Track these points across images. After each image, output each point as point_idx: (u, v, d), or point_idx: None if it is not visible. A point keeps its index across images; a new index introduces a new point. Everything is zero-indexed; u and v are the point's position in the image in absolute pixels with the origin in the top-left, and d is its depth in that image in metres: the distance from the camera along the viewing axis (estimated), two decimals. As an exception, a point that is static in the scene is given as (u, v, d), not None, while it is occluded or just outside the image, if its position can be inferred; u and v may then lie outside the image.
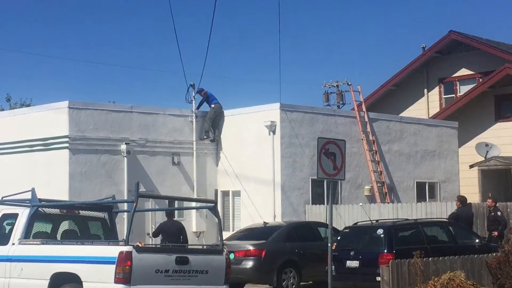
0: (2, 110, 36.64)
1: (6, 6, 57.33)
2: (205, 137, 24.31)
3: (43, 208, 14.01)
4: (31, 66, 57.12)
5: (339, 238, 17.45)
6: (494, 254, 15.36)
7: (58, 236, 14.19)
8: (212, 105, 24.55)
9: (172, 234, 18.72)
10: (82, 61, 58.02)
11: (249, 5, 60.82)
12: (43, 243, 13.26)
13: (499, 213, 19.70)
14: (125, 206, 17.52)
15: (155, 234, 19.65)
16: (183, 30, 53.93)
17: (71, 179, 21.55)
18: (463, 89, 31.54)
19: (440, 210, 20.55)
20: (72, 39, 58.69)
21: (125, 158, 22.37)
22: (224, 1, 56.68)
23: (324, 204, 22.93)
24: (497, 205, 20.04)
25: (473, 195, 27.30)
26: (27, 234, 13.54)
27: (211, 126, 24.47)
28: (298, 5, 58.44)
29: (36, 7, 59.14)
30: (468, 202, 20.26)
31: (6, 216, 14.05)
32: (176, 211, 23.08)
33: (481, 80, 30.70)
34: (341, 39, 61.49)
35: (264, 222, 20.35)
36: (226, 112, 24.72)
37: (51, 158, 22.05)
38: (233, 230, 22.88)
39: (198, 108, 24.57)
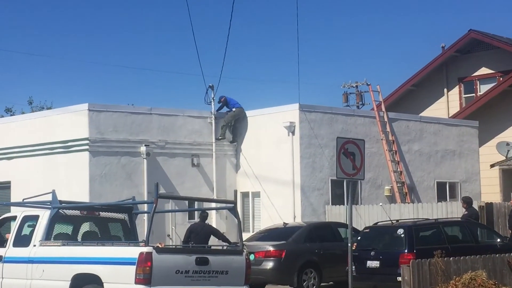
0: (24, 113, 36.84)
1: (26, 11, 57.77)
2: (220, 137, 24.25)
3: (64, 210, 14.09)
4: (52, 69, 57.53)
5: (359, 238, 17.41)
6: (516, 254, 15.27)
7: (79, 238, 14.27)
8: (234, 109, 24.48)
9: (200, 238, 18.05)
10: (102, 64, 58.33)
11: (268, 5, 60.86)
12: (64, 245, 13.31)
13: None
14: (145, 207, 17.57)
15: (184, 240, 18.69)
16: (201, 32, 54.03)
17: (92, 181, 21.65)
18: (483, 88, 31.35)
19: (461, 210, 20.42)
20: (92, 42, 58.99)
21: (144, 160, 22.45)
22: (242, 3, 56.72)
23: (344, 204, 22.87)
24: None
25: (495, 195, 27.14)
26: (48, 236, 13.61)
27: (231, 129, 24.42)
28: (317, 6, 58.39)
29: (55, 12, 59.51)
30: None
31: (27, 218, 14.12)
32: (195, 212, 23.18)
33: (501, 78, 30.50)
34: (360, 39, 61.34)
35: (284, 223, 20.33)
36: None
37: (71, 161, 22.17)
38: (253, 231, 22.88)
39: (217, 111, 24.57)
